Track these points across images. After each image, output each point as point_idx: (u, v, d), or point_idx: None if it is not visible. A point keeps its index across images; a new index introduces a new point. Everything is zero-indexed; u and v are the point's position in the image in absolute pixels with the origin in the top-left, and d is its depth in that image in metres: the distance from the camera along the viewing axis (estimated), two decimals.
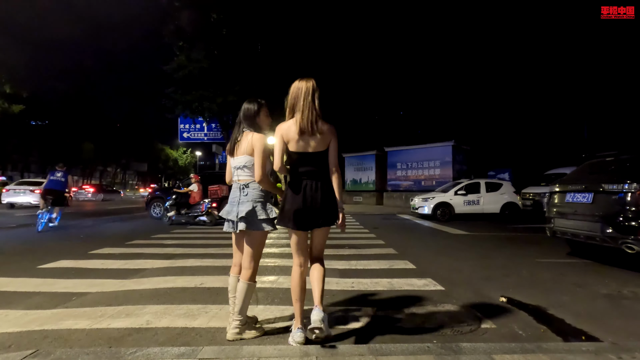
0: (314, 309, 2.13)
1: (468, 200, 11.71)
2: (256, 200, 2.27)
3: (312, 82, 2.24)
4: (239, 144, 2.34)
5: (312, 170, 2.19)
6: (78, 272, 4.13)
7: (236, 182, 2.37)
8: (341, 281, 3.74)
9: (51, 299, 3.10)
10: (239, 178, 2.35)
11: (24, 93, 33.32)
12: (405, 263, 4.72)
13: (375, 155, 21.08)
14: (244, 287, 2.28)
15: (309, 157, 2.19)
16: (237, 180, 2.36)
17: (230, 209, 2.33)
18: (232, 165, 2.40)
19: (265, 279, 3.83)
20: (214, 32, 16.85)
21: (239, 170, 2.34)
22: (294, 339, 2.11)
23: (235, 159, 2.36)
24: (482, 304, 3.04)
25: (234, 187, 2.39)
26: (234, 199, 2.34)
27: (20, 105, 32.04)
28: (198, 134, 26.57)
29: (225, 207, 2.39)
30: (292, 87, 2.29)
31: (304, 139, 2.16)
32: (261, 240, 2.34)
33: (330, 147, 2.24)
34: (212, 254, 5.22)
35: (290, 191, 2.20)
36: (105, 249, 5.58)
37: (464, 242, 6.93)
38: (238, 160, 2.34)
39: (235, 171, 2.36)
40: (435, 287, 3.56)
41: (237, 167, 2.34)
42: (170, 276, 3.89)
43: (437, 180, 17.59)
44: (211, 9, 17.09)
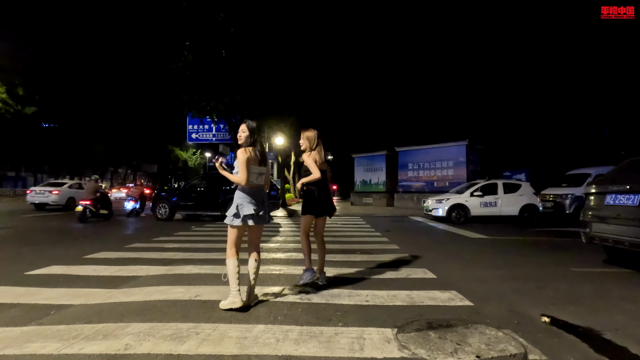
0: (321, 274, 3.65)
1: (485, 202, 11.14)
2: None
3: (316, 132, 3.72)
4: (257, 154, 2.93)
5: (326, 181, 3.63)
6: (66, 279, 3.80)
7: (259, 185, 2.97)
8: (354, 294, 3.31)
9: (27, 313, 2.75)
10: (260, 182, 2.97)
11: (36, 95, 33.71)
12: (423, 272, 4.26)
13: (385, 155, 20.55)
14: (259, 263, 2.98)
15: (324, 174, 3.58)
16: (259, 184, 2.98)
17: (259, 208, 2.88)
18: (257, 171, 2.91)
19: (269, 290, 3.42)
20: (221, 31, 16.57)
21: (261, 176, 2.97)
22: (305, 279, 3.56)
23: (259, 167, 2.94)
24: (521, 325, 2.58)
25: (257, 190, 2.96)
26: (261, 199, 2.94)
27: (33, 107, 32.43)
28: (206, 134, 26.41)
29: (249, 205, 2.84)
30: (310, 133, 3.67)
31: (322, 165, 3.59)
32: (231, 231, 2.92)
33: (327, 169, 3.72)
34: (213, 260, 4.84)
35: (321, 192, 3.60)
36: (102, 253, 5.26)
37: (485, 248, 6.42)
38: (262, 168, 2.95)
39: (259, 177, 2.94)
40: (462, 302, 3.10)
41: (262, 173, 2.96)
42: (164, 285, 3.52)
43: (450, 181, 16.99)
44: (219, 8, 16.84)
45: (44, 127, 39.83)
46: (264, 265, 4.54)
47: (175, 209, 11.21)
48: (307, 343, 2.20)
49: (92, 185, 10.89)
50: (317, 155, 3.59)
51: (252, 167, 2.84)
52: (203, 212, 11.29)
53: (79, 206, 10.16)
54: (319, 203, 3.53)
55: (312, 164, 3.49)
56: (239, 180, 2.80)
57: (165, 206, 11.23)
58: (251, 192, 2.87)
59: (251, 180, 2.84)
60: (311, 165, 3.49)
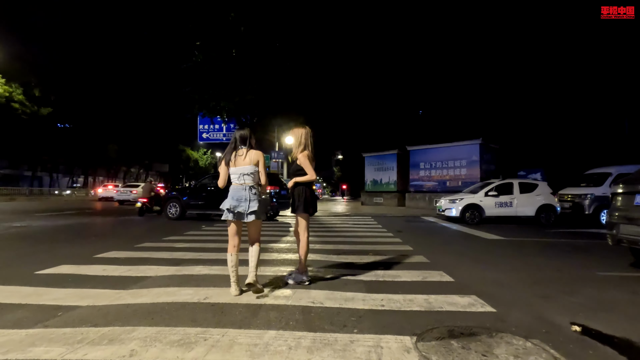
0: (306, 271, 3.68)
1: (500, 202, 10.84)
2: (260, 199, 3.18)
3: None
4: (241, 158, 3.17)
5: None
6: (76, 279, 3.75)
7: (240, 184, 3.16)
8: (368, 298, 3.16)
9: (34, 314, 2.69)
10: (245, 181, 3.16)
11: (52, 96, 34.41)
12: (440, 274, 4.09)
13: (396, 154, 20.31)
14: (257, 249, 3.20)
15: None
16: (244, 184, 3.16)
17: (237, 204, 3.11)
18: (236, 172, 3.17)
19: (280, 292, 3.30)
20: (231, 31, 16.58)
21: (246, 176, 3.16)
22: (298, 279, 3.58)
23: (241, 167, 3.16)
24: (550, 334, 2.40)
25: (237, 188, 3.16)
26: (240, 197, 3.12)
27: (49, 107, 33.13)
28: (217, 134, 26.52)
29: (228, 200, 3.14)
30: (303, 130, 3.61)
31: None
32: (260, 225, 3.31)
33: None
34: (222, 260, 4.73)
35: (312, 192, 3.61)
36: (112, 252, 5.22)
37: (502, 249, 6.20)
38: (245, 168, 3.15)
39: (242, 177, 3.16)
40: (483, 307, 2.93)
41: (244, 173, 3.15)
42: (172, 287, 3.43)
43: (463, 180, 16.68)
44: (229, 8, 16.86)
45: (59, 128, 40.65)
46: (275, 266, 4.43)
47: (186, 208, 11.22)
48: (320, 352, 2.07)
49: (148, 187, 13.10)
50: (311, 154, 3.55)
51: (230, 169, 3.21)
52: (213, 211, 11.28)
53: (138, 203, 12.45)
54: (313, 201, 3.58)
55: (308, 164, 3.49)
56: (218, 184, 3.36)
57: (176, 205, 11.26)
58: (231, 190, 3.21)
59: (232, 181, 3.23)
60: (307, 166, 3.50)
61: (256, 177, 3.22)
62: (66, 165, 48.36)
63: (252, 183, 3.18)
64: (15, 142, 31.40)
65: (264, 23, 17.32)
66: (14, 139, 30.60)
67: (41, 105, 32.23)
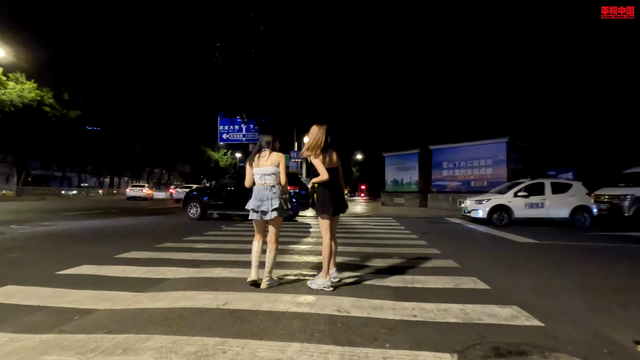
0: (333, 271, 3.51)
1: (530, 203, 10.28)
2: (280, 198, 3.34)
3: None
4: (264, 159, 3.36)
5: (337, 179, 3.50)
6: (95, 280, 3.68)
7: (263, 184, 3.36)
8: (398, 306, 2.92)
9: (51, 318, 2.60)
10: (266, 182, 3.35)
11: (80, 99, 35.69)
12: (473, 281, 3.79)
13: (418, 153, 19.80)
14: (273, 254, 3.37)
15: (334, 172, 3.49)
16: (265, 184, 3.35)
17: (260, 204, 3.32)
18: (259, 173, 3.37)
19: (302, 298, 3.10)
20: (251, 31, 16.60)
21: (267, 176, 3.35)
22: (326, 284, 3.37)
23: (263, 168, 3.35)
24: (614, 355, 2.09)
25: (260, 188, 3.37)
26: (262, 196, 3.33)
27: (77, 111, 34.36)
28: (236, 134, 26.76)
29: (252, 201, 3.37)
30: (315, 129, 3.45)
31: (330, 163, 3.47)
32: (281, 222, 3.46)
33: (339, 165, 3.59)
34: (242, 262, 4.60)
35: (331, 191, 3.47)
36: (132, 253, 5.19)
37: (538, 254, 5.78)
38: (266, 169, 3.34)
39: (263, 177, 3.35)
40: (529, 321, 2.63)
41: (266, 174, 3.34)
42: (191, 290, 3.30)
43: (488, 180, 16.04)
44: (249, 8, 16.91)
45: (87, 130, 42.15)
46: (296, 269, 4.25)
47: (207, 208, 11.24)
48: None
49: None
50: (323, 154, 3.39)
51: (254, 170, 3.41)
52: (233, 211, 11.25)
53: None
54: (331, 202, 3.42)
55: (319, 163, 3.37)
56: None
57: (197, 205, 11.29)
58: (254, 191, 3.42)
59: (255, 181, 3.43)
60: (317, 166, 3.38)
61: (277, 178, 3.38)
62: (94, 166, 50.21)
63: (273, 183, 3.35)
64: (46, 144, 32.75)
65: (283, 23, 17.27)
66: (45, 141, 31.91)
67: (70, 109, 33.41)
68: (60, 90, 32.59)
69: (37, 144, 31.81)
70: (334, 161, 3.48)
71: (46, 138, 31.67)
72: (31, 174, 39.99)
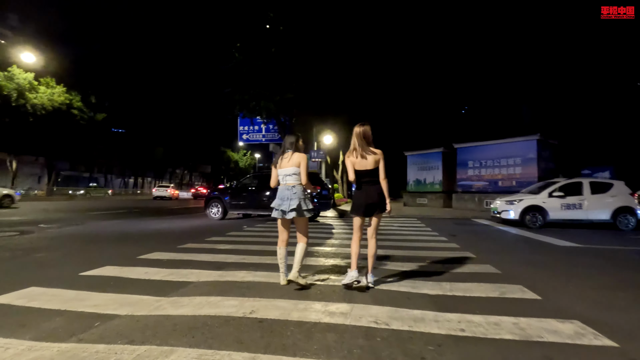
0: (369, 274, 3.45)
1: (567, 204, 9.65)
2: (300, 197, 3.35)
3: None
4: (287, 160, 3.42)
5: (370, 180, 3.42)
6: (118, 283, 3.56)
7: (284, 184, 3.44)
8: (441, 318, 2.63)
9: (71, 324, 2.47)
10: (287, 182, 3.42)
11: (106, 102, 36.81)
12: (520, 290, 3.43)
13: (442, 152, 19.19)
14: (302, 247, 3.41)
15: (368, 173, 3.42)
16: (286, 184, 3.42)
17: (281, 203, 3.39)
18: (281, 174, 3.46)
19: (334, 307, 2.85)
20: (271, 30, 16.54)
21: (288, 177, 3.41)
22: (350, 275, 3.37)
23: (285, 169, 3.42)
24: None
25: (282, 188, 3.46)
26: (284, 196, 3.40)
27: (104, 113, 35.45)
28: (256, 135, 26.87)
29: (275, 200, 3.46)
30: (355, 129, 3.46)
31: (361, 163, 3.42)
32: (306, 222, 3.45)
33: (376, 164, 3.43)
34: (266, 265, 4.41)
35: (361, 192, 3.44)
36: (155, 254, 5.09)
37: (584, 259, 5.30)
38: (287, 170, 3.40)
39: (285, 177, 3.43)
40: (598, 339, 2.28)
41: (287, 174, 3.41)
42: (215, 296, 3.11)
43: (517, 180, 15.31)
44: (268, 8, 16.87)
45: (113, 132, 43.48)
46: (323, 274, 4.01)
47: (228, 208, 11.19)
48: None
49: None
50: (352, 155, 3.42)
51: (278, 170, 3.51)
52: (254, 211, 11.15)
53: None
54: (360, 203, 3.41)
55: (348, 165, 3.46)
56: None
57: (218, 205, 11.26)
58: (278, 191, 3.51)
59: (279, 182, 3.54)
60: (347, 168, 3.48)
61: (298, 178, 3.43)
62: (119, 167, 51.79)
63: (294, 183, 3.41)
64: (75, 145, 33.92)
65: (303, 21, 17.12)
66: (73, 143, 33.06)
67: (97, 111, 34.50)
68: (88, 93, 33.66)
69: (66, 146, 32.99)
70: (368, 162, 3.37)
71: (75, 140, 32.79)
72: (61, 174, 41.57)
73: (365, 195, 3.39)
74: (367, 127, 3.44)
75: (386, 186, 3.42)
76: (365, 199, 3.38)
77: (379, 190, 3.39)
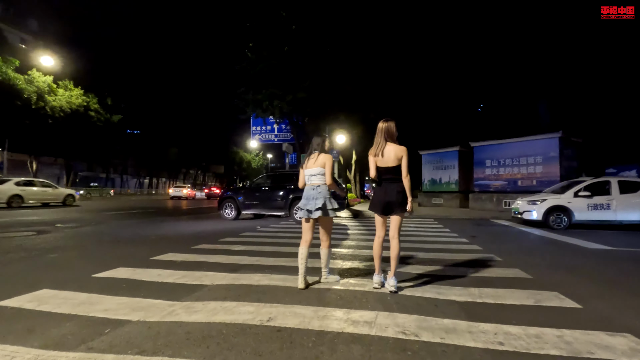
0: (391, 279, 3.28)
1: (594, 204, 9.19)
2: (325, 197, 3.40)
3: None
4: (313, 161, 3.48)
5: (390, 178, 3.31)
6: (130, 285, 3.45)
7: (310, 185, 3.49)
8: (475, 329, 2.40)
9: (80, 330, 2.35)
10: (312, 182, 3.47)
11: (122, 104, 37.46)
12: (557, 297, 3.17)
13: (457, 151, 18.73)
14: (326, 252, 3.50)
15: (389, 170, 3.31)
16: (311, 184, 3.48)
17: (306, 202, 3.43)
18: (307, 174, 3.51)
19: (357, 315, 2.65)
20: (283, 29, 16.43)
21: (313, 177, 3.47)
22: (374, 280, 3.38)
23: (311, 169, 3.47)
24: None
25: (307, 188, 3.51)
26: (309, 196, 3.44)
27: (119, 115, 36.07)
28: (269, 135, 26.88)
29: (302, 201, 3.50)
30: (379, 124, 3.39)
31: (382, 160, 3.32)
32: (331, 222, 3.50)
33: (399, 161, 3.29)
34: (282, 267, 4.25)
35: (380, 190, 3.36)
36: (169, 255, 4.99)
37: (619, 263, 4.96)
38: (313, 170, 3.46)
39: (310, 178, 3.48)
40: None
41: (312, 175, 3.47)
42: (230, 301, 2.96)
43: (538, 179, 14.78)
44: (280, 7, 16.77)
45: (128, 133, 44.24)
46: (342, 277, 3.82)
47: (241, 208, 11.11)
48: None
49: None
50: (374, 150, 3.35)
51: (305, 171, 3.58)
52: (267, 211, 11.02)
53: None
54: (379, 201, 3.33)
55: (370, 161, 3.40)
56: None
57: (232, 205, 11.19)
58: (304, 191, 3.57)
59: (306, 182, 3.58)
60: (369, 163, 3.42)
61: (323, 178, 3.46)
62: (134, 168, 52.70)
63: (319, 183, 3.46)
64: (92, 146, 34.63)
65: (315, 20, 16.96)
66: (90, 143, 33.75)
67: (113, 113, 35.12)
68: (104, 95, 34.30)
69: (83, 147, 33.70)
70: (390, 159, 3.27)
71: (92, 141, 33.48)
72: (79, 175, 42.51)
73: (384, 193, 3.30)
74: (392, 123, 3.35)
75: (408, 185, 3.28)
76: (384, 196, 3.29)
77: (399, 188, 3.28)
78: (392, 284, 3.23)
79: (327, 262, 3.53)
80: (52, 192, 16.45)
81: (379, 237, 3.39)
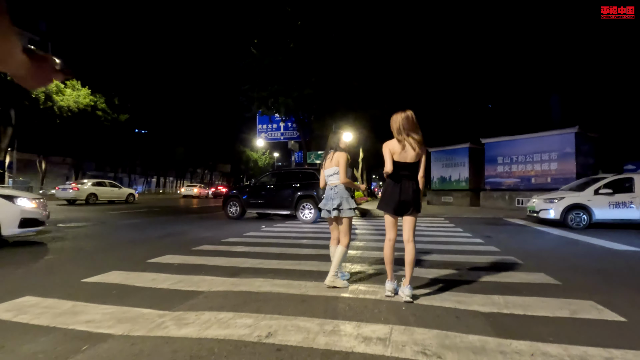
0: (405, 287, 2.93)
1: (616, 202, 8.73)
2: (342, 196, 3.38)
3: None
4: (329, 160, 3.50)
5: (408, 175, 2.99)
6: (121, 291, 3.18)
7: (329, 185, 3.52)
8: (506, 348, 2.06)
9: (55, 346, 2.07)
10: (330, 182, 3.50)
11: (129, 103, 37.54)
12: (594, 308, 2.81)
13: (468, 148, 18.24)
14: (341, 250, 3.35)
15: (408, 166, 2.99)
16: (330, 184, 3.50)
17: (326, 202, 3.46)
18: (326, 174, 3.53)
19: (368, 329, 2.33)
20: (288, 25, 16.14)
21: (330, 177, 3.49)
22: (387, 288, 3.04)
23: (328, 169, 3.50)
24: None
25: (327, 188, 3.54)
26: (328, 196, 3.47)
27: (126, 114, 36.14)
28: (275, 133, 26.64)
29: (323, 201, 3.52)
30: (394, 117, 3.06)
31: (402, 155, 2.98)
32: (349, 222, 3.39)
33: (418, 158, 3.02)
34: (285, 271, 3.95)
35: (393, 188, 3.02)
36: (167, 257, 4.73)
37: None
38: (330, 170, 3.49)
39: (328, 178, 3.51)
40: None
41: (329, 175, 3.50)
42: (226, 311, 2.66)
43: (552, 176, 14.28)
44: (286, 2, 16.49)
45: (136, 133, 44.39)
46: (352, 283, 3.50)
47: (246, 207, 10.85)
48: None
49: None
50: (393, 144, 2.97)
51: (324, 171, 3.54)
52: (273, 210, 10.75)
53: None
54: (392, 200, 3.00)
55: (386, 154, 3.00)
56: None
57: (236, 204, 10.95)
58: (324, 191, 3.56)
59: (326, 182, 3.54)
60: (384, 156, 3.01)
61: (339, 177, 3.41)
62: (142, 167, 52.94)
63: (336, 182, 3.42)
64: (100, 146, 34.79)
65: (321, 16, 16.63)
66: (98, 143, 33.90)
67: (120, 112, 35.19)
68: (111, 95, 34.38)
69: (91, 147, 33.85)
70: (410, 154, 2.95)
71: (100, 141, 33.60)
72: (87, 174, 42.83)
73: (399, 190, 2.96)
74: (411, 113, 3.02)
75: (423, 185, 3.05)
76: (399, 194, 2.96)
77: (414, 187, 3.00)
78: (407, 292, 2.90)
79: (339, 261, 3.36)
80: (118, 191, 18.68)
81: (390, 239, 3.10)
